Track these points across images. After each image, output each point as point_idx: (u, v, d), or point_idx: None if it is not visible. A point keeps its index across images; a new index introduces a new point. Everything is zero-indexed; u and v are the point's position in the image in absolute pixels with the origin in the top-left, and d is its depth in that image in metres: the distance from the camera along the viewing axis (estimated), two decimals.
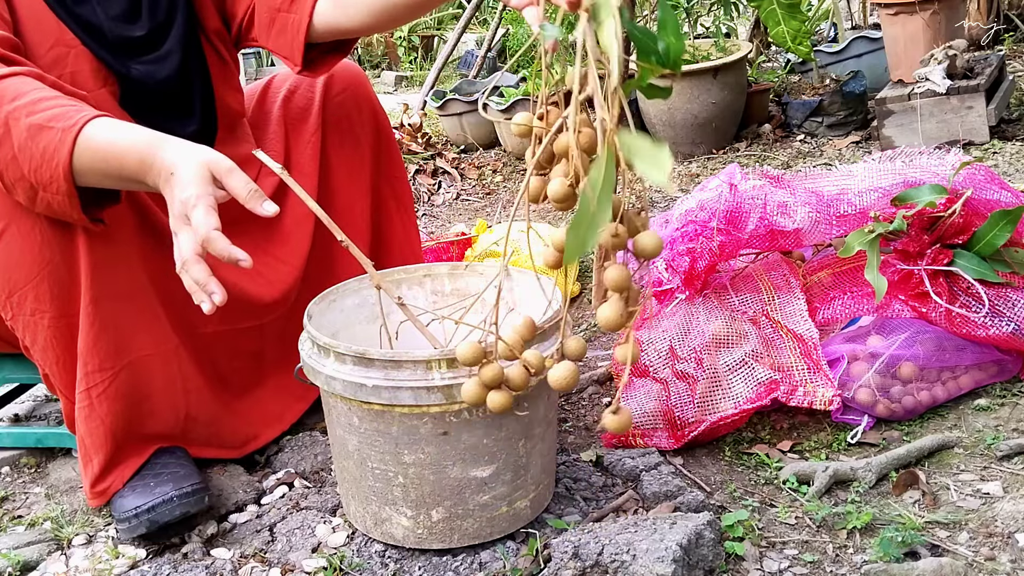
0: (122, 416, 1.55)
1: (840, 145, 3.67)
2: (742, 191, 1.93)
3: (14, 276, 1.48)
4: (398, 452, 1.40)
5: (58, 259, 1.47)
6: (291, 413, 1.84)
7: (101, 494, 1.58)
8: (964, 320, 1.79)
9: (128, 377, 1.55)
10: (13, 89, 1.33)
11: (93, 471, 1.57)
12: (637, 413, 1.82)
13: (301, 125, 1.86)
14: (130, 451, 1.59)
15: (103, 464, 1.56)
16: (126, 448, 1.58)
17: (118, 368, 1.53)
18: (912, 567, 1.36)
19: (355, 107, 1.88)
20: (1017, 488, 1.54)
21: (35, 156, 1.31)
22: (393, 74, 6.79)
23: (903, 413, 1.79)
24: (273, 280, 1.78)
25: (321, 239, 1.86)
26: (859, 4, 5.27)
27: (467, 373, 1.32)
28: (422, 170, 4.08)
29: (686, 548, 1.33)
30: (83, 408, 1.53)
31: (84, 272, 1.48)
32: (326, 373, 1.41)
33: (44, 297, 1.48)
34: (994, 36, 4.30)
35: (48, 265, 1.47)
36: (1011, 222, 1.78)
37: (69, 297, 1.49)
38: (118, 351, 1.53)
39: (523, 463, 1.46)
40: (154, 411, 1.60)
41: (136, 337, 1.55)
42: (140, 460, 1.59)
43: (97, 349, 1.51)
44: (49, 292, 1.48)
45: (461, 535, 1.45)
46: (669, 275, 1.99)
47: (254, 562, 1.50)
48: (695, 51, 3.92)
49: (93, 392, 1.53)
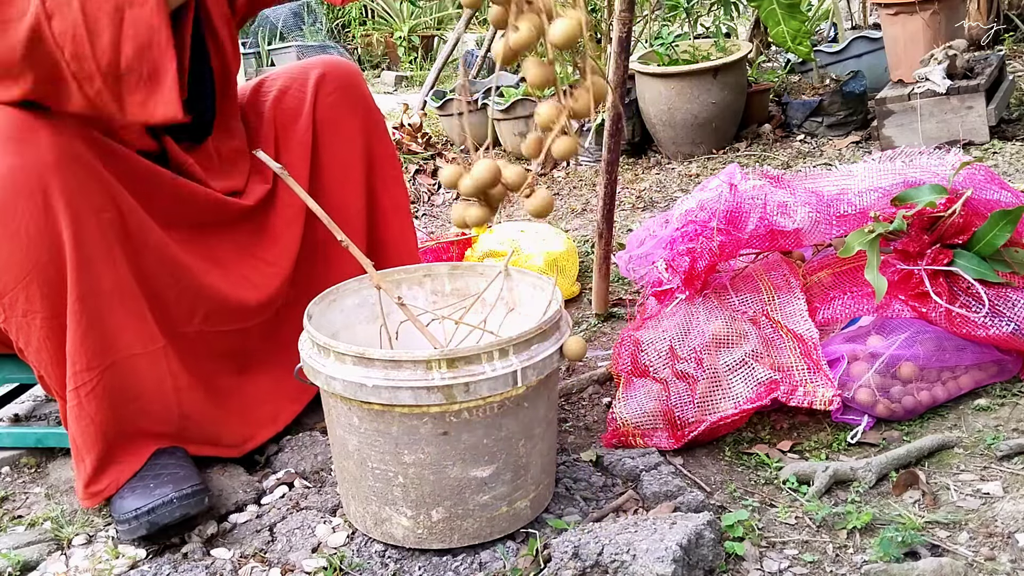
0: (112, 415, 1.55)
1: (840, 145, 3.67)
2: (742, 191, 1.93)
3: (3, 278, 1.48)
4: (398, 452, 1.40)
5: (45, 259, 1.47)
6: (285, 415, 1.84)
7: (95, 495, 1.57)
8: (964, 320, 1.79)
9: (116, 376, 1.55)
10: None
11: (86, 471, 1.56)
12: (637, 413, 1.82)
13: (292, 125, 1.86)
14: (125, 451, 1.58)
15: (95, 464, 1.56)
16: (119, 448, 1.58)
17: (105, 366, 1.54)
18: (912, 567, 1.36)
19: (348, 107, 1.87)
20: (1017, 488, 1.54)
21: None
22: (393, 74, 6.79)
23: (903, 413, 1.79)
24: (259, 284, 1.77)
25: (310, 241, 1.85)
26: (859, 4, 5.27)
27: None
28: (422, 170, 4.08)
29: (686, 548, 1.33)
30: (73, 407, 1.54)
31: (70, 270, 1.48)
32: (326, 373, 1.41)
33: (35, 298, 1.49)
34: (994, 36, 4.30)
35: (36, 266, 1.47)
36: (1011, 222, 1.78)
37: (59, 297, 1.50)
38: (105, 350, 1.54)
39: (523, 463, 1.46)
40: (146, 410, 1.59)
41: (123, 336, 1.56)
42: (138, 461, 1.59)
43: (84, 348, 1.52)
44: (39, 292, 1.49)
45: (461, 535, 1.45)
46: (669, 275, 1.99)
47: (254, 562, 1.50)
48: (695, 51, 3.92)
49: (82, 391, 1.53)
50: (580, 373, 2.12)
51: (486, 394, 1.36)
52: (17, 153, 1.44)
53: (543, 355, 1.41)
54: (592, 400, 2.04)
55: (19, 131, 1.44)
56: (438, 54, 6.24)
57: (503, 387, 1.37)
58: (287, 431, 1.88)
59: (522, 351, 1.39)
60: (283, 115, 1.87)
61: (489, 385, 1.36)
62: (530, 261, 2.49)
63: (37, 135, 1.44)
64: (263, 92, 1.91)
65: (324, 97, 1.86)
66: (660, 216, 2.20)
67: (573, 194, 3.64)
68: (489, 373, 1.36)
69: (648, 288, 2.10)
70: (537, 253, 2.51)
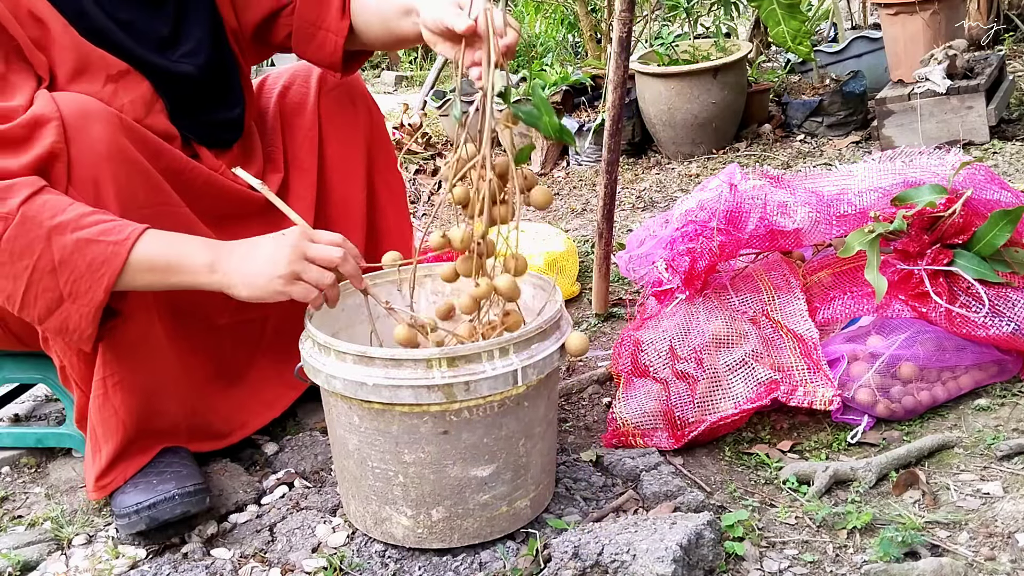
0: (135, 409, 1.56)
1: (840, 145, 3.67)
2: (742, 191, 1.93)
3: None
4: (398, 451, 1.40)
5: None
6: (282, 401, 1.85)
7: (104, 488, 1.58)
8: (964, 320, 1.79)
9: (144, 370, 1.56)
10: (51, 206, 1.40)
11: (101, 463, 1.57)
12: (637, 413, 1.82)
13: (297, 120, 1.88)
14: (137, 447, 1.60)
15: (112, 456, 1.57)
16: (135, 443, 1.59)
17: (136, 360, 1.55)
18: (912, 567, 1.36)
19: (349, 100, 1.91)
20: (1017, 488, 1.54)
21: (78, 269, 1.40)
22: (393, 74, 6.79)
23: (903, 413, 1.79)
24: None
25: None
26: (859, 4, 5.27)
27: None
28: (422, 170, 4.08)
29: (686, 548, 1.33)
30: (97, 396, 1.55)
31: None
32: (327, 372, 1.41)
33: None
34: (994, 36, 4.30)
35: None
36: (1011, 222, 1.78)
37: None
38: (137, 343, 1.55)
39: (523, 463, 1.46)
40: (164, 407, 1.61)
41: (154, 330, 1.57)
42: (146, 458, 1.60)
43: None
44: None
45: (461, 535, 1.45)
46: (669, 275, 1.99)
47: (254, 562, 1.51)
48: (695, 51, 3.92)
49: (109, 381, 1.54)
50: (580, 373, 2.12)
51: (486, 393, 1.36)
52: (72, 142, 1.45)
53: (543, 354, 1.41)
54: (592, 400, 2.04)
55: (75, 121, 1.45)
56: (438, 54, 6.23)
57: (503, 386, 1.37)
58: (287, 431, 1.89)
59: (522, 350, 1.39)
60: (288, 109, 1.90)
61: (489, 384, 1.36)
62: (530, 261, 2.49)
63: (91, 127, 1.46)
64: (266, 90, 1.94)
65: (327, 92, 1.89)
66: (660, 216, 2.20)
67: (573, 194, 3.65)
68: (489, 372, 1.36)
69: (648, 288, 2.10)
70: (537, 253, 2.51)
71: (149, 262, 1.42)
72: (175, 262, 1.44)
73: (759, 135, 3.93)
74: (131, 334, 1.54)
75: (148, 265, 1.43)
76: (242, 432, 1.79)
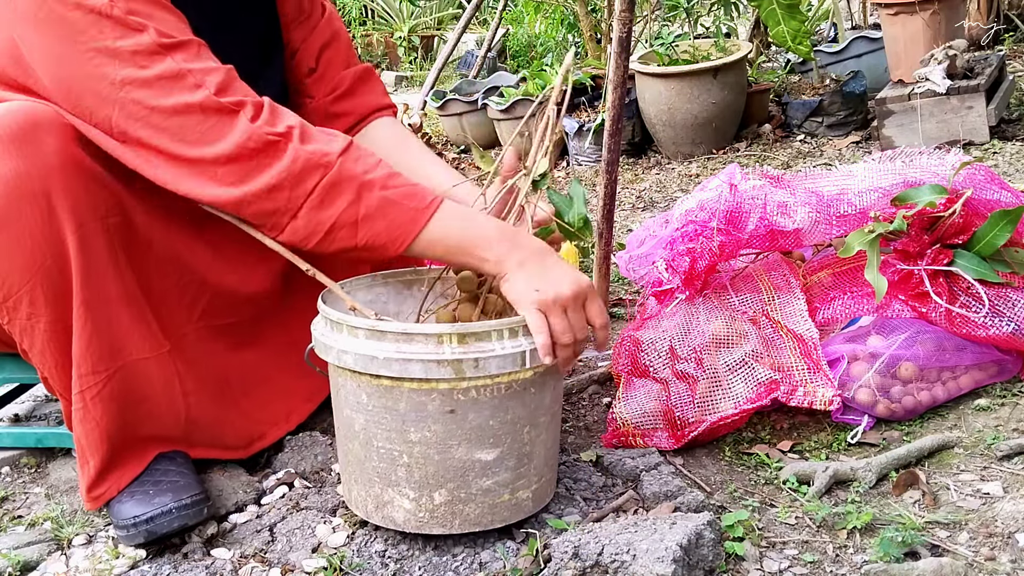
0: (117, 418, 1.55)
1: (840, 145, 3.67)
2: (742, 191, 1.93)
3: (8, 282, 1.48)
4: (405, 430, 1.41)
5: (50, 263, 1.47)
6: (298, 413, 1.84)
7: (97, 499, 1.57)
8: (964, 320, 1.79)
9: (123, 380, 1.55)
10: (364, 160, 1.45)
11: (89, 474, 1.56)
12: (637, 413, 1.82)
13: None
14: (128, 455, 1.58)
15: (99, 467, 1.56)
16: (123, 451, 1.57)
17: (112, 371, 1.53)
18: (912, 567, 1.36)
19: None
20: (1017, 488, 1.54)
21: (377, 226, 1.44)
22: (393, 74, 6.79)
23: (903, 413, 1.79)
24: (253, 269, 1.76)
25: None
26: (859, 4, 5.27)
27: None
28: None
29: (686, 548, 1.33)
30: (78, 410, 1.54)
31: (75, 275, 1.48)
32: (338, 348, 1.42)
33: (39, 301, 1.49)
34: (994, 36, 4.31)
35: (41, 270, 1.47)
36: (1011, 222, 1.78)
37: (63, 301, 1.49)
38: (111, 354, 1.53)
39: (527, 451, 1.46)
40: (153, 414, 1.59)
41: (129, 340, 1.56)
42: (140, 466, 1.58)
43: (90, 352, 1.52)
44: (43, 296, 1.49)
45: (463, 520, 1.46)
46: (669, 275, 1.99)
47: (254, 562, 1.51)
48: (695, 51, 3.92)
49: (87, 394, 1.52)
50: (580, 373, 2.13)
51: (494, 372, 1.38)
52: (21, 156, 1.43)
53: None
54: (592, 400, 2.04)
55: (23, 133, 1.44)
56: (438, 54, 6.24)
57: (511, 366, 1.39)
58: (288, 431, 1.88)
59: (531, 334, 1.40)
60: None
61: (498, 363, 1.38)
62: None
63: (41, 139, 1.44)
64: None
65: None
66: (660, 216, 2.20)
67: None
68: (498, 351, 1.38)
69: (648, 288, 2.10)
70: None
71: (443, 236, 1.44)
72: (467, 245, 1.45)
73: (759, 135, 3.94)
74: (104, 346, 1.52)
75: (440, 238, 1.44)
76: (260, 443, 1.78)
